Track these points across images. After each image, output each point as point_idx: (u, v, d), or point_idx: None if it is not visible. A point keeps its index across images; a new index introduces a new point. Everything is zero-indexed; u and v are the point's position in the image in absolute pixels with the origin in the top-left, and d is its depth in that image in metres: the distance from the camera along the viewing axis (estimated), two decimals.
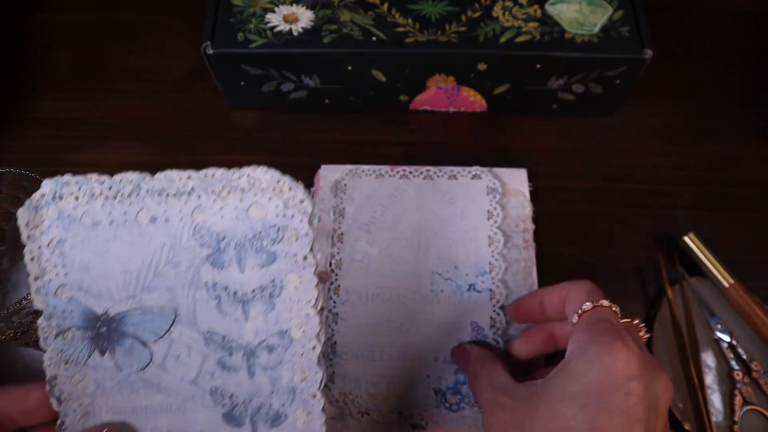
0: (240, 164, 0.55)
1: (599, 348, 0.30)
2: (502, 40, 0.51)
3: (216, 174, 0.32)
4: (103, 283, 0.31)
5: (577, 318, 0.33)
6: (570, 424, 0.29)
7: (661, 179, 0.55)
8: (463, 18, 0.52)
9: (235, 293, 0.31)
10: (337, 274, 0.47)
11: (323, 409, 0.30)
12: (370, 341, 0.45)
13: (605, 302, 0.33)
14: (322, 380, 0.30)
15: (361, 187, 0.51)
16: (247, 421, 0.31)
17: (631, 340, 0.31)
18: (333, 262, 0.47)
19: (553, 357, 0.41)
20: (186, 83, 0.59)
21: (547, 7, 0.52)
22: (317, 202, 0.49)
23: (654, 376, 0.31)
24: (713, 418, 0.44)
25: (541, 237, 0.50)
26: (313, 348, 0.30)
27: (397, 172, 0.51)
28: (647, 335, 0.36)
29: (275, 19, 0.52)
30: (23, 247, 0.32)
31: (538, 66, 0.51)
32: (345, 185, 0.51)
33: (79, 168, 0.54)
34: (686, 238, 0.49)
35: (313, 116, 0.57)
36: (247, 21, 0.51)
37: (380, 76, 0.53)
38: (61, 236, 0.31)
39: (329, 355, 0.43)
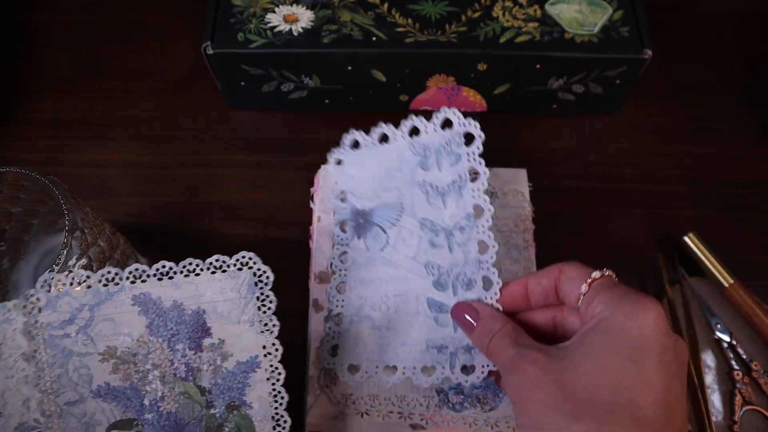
0: (240, 164, 0.55)
1: (634, 304, 0.31)
2: (502, 40, 0.51)
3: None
4: (362, 187, 0.44)
5: (586, 287, 0.33)
6: (620, 377, 0.29)
7: (661, 179, 0.55)
8: (463, 18, 0.52)
9: (437, 188, 0.42)
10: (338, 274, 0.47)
11: (499, 277, 0.38)
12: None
13: (608, 272, 0.34)
14: (497, 253, 0.38)
15: None
16: (450, 286, 0.40)
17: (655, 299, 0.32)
18: (333, 263, 0.47)
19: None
20: (186, 83, 0.59)
21: (547, 7, 0.52)
22: (317, 203, 0.49)
23: (675, 335, 0.32)
24: (713, 418, 0.44)
25: (541, 237, 0.50)
26: (489, 227, 0.39)
27: None
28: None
29: (275, 19, 0.52)
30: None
31: (538, 66, 0.52)
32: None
33: (79, 168, 0.54)
34: (686, 238, 0.49)
35: (313, 116, 0.57)
36: (247, 21, 0.51)
37: (380, 76, 0.53)
38: (343, 158, 0.45)
39: (330, 355, 0.43)
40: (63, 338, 0.35)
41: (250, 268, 0.36)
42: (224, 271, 0.36)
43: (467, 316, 0.38)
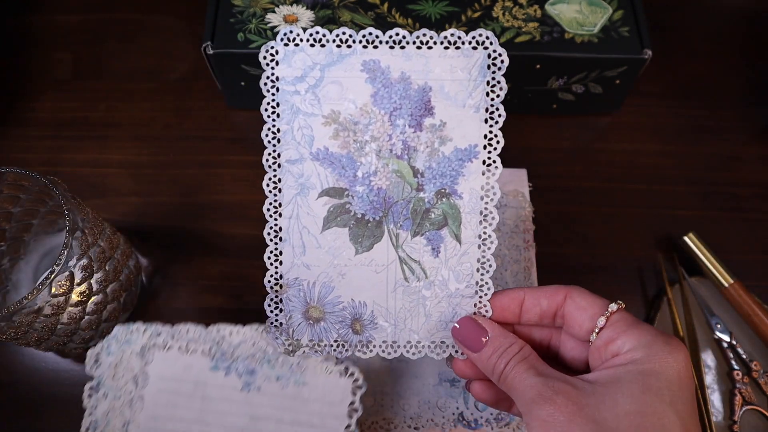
0: (240, 164, 0.55)
1: (667, 346, 0.30)
2: (502, 40, 0.51)
3: None
4: None
5: (604, 321, 0.32)
6: (664, 421, 0.28)
7: (661, 179, 0.55)
8: (463, 18, 0.52)
9: None
10: None
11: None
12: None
13: (621, 303, 0.32)
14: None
15: None
16: None
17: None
18: None
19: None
20: (186, 83, 0.59)
21: (547, 7, 0.52)
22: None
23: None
24: (713, 418, 0.44)
25: (541, 237, 0.50)
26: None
27: None
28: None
29: (275, 19, 0.52)
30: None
31: (538, 66, 0.51)
32: None
33: (79, 168, 0.54)
34: (686, 238, 0.49)
35: None
36: (247, 21, 0.51)
37: None
38: None
39: None
40: (293, 95, 0.35)
41: (486, 48, 0.33)
42: (458, 47, 0.33)
43: (472, 334, 0.34)
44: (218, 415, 0.37)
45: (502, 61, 0.34)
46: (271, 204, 0.36)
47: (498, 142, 0.34)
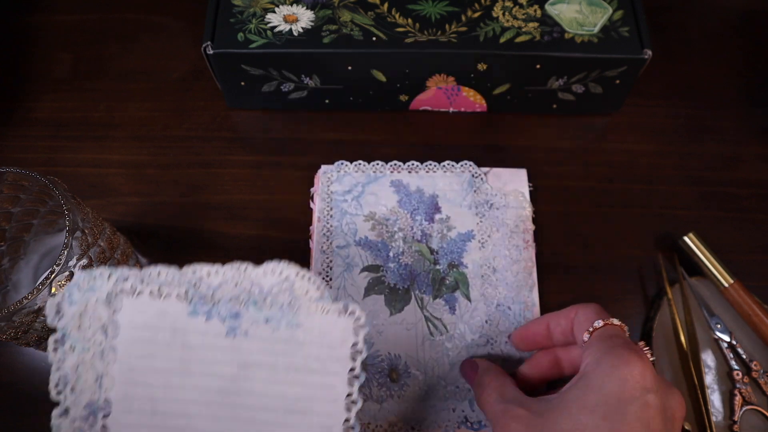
0: (240, 164, 0.55)
1: (616, 360, 0.31)
2: (502, 40, 0.51)
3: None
4: None
5: (588, 336, 0.34)
6: None
7: (661, 179, 0.55)
8: (463, 18, 0.52)
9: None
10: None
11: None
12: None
13: (615, 321, 0.34)
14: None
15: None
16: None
17: (644, 354, 0.32)
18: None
19: (554, 384, 0.41)
20: (186, 83, 0.59)
21: (547, 7, 0.52)
22: (317, 202, 0.50)
23: (669, 391, 0.31)
24: (713, 418, 0.44)
25: (541, 237, 0.50)
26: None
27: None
28: (652, 358, 0.35)
29: (275, 19, 0.52)
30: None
31: (538, 66, 0.52)
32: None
33: (79, 168, 0.54)
34: (686, 238, 0.49)
35: (313, 116, 0.57)
36: (247, 21, 0.51)
37: (380, 76, 0.53)
38: None
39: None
40: (342, 202, 0.50)
41: (470, 171, 0.51)
42: (452, 171, 0.51)
43: (468, 370, 0.41)
44: (202, 365, 0.33)
45: (486, 174, 0.51)
46: (323, 279, 0.46)
47: (486, 227, 0.48)
